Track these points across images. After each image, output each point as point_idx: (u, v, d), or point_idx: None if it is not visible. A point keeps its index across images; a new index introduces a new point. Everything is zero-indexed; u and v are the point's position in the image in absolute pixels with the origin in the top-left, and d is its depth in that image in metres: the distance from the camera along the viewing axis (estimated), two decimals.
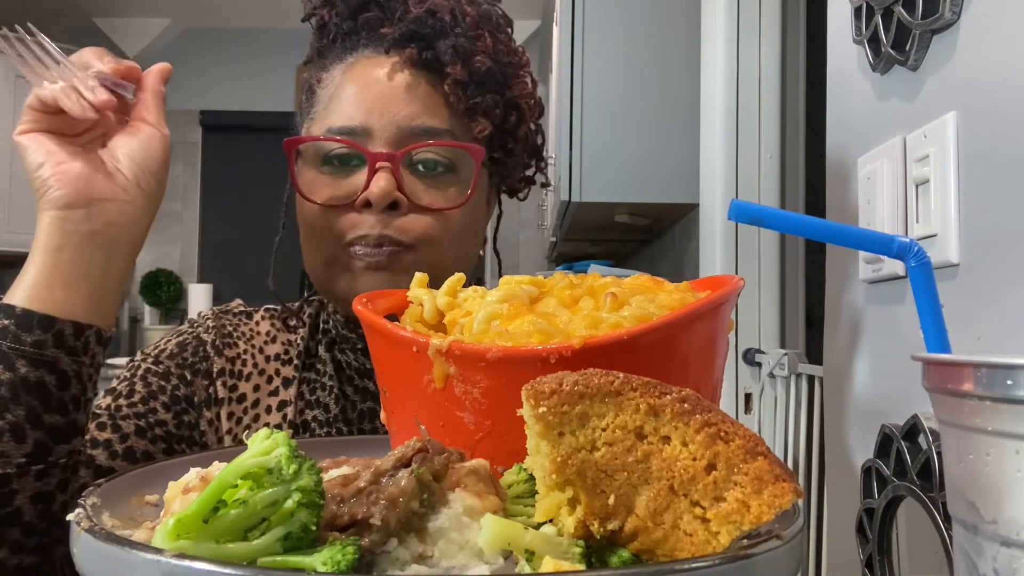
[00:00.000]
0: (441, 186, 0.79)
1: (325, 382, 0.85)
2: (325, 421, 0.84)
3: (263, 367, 0.85)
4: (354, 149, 0.78)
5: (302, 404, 0.84)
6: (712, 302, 0.51)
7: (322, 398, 0.85)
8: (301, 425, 0.83)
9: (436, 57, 0.80)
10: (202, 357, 0.83)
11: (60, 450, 0.63)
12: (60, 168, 0.64)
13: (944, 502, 0.48)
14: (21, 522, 0.61)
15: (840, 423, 0.89)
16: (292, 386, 0.84)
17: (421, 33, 0.80)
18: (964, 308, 0.62)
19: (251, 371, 0.84)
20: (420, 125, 0.78)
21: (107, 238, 0.66)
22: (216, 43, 4.67)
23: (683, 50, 1.99)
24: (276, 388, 0.84)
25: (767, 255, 1.85)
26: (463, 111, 0.81)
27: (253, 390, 0.84)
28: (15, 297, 0.63)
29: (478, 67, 0.80)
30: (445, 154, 0.79)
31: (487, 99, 0.81)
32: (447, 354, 0.48)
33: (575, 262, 2.61)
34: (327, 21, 0.85)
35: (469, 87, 0.80)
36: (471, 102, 0.80)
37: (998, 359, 0.32)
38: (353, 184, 0.78)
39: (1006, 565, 0.33)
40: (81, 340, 0.64)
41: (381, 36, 0.81)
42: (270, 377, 0.85)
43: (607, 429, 0.38)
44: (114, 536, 0.37)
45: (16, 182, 3.85)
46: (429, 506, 0.39)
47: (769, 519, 0.36)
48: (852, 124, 0.85)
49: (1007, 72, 0.58)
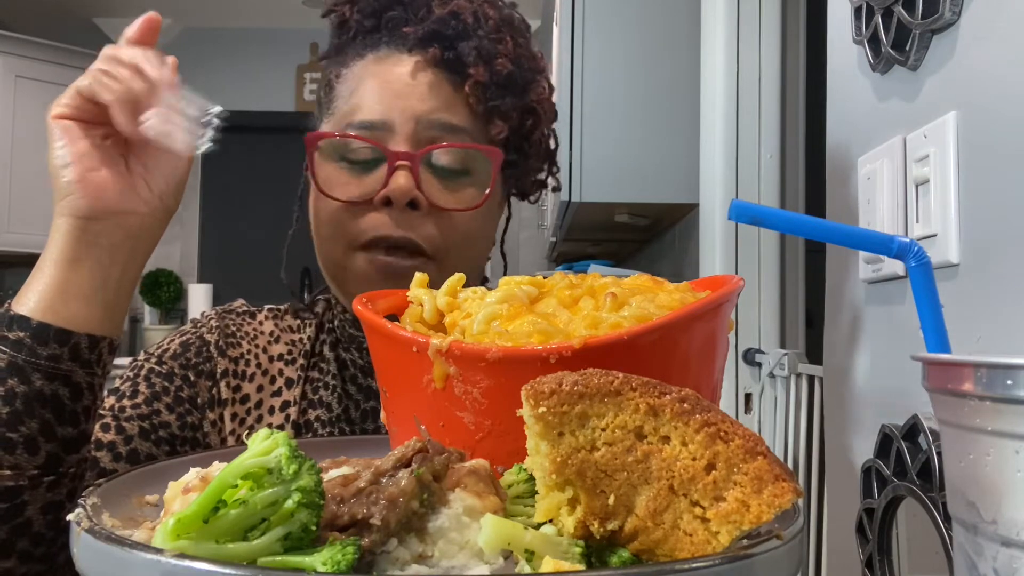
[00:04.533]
0: (458, 187, 0.80)
1: (328, 381, 0.85)
2: (328, 421, 0.83)
3: (266, 367, 0.85)
4: (374, 147, 0.77)
5: (305, 404, 0.84)
6: (712, 302, 0.51)
7: (325, 397, 0.84)
8: (304, 425, 0.83)
9: (458, 58, 0.80)
10: (205, 358, 0.83)
11: (71, 460, 0.63)
12: (88, 175, 0.63)
13: (944, 502, 0.49)
14: (31, 532, 0.61)
15: (840, 423, 0.89)
16: (295, 386, 0.84)
17: (444, 34, 0.80)
18: (964, 308, 0.62)
19: (254, 371, 0.84)
20: (439, 119, 0.78)
21: (125, 251, 0.65)
22: (216, 43, 4.66)
23: (683, 50, 1.99)
24: (279, 388, 0.84)
25: (767, 255, 1.85)
26: (482, 113, 0.81)
27: (256, 391, 0.83)
28: (28, 306, 0.62)
29: (499, 70, 0.80)
30: (463, 156, 0.79)
31: (506, 102, 0.81)
32: (447, 354, 0.48)
33: (575, 262, 2.60)
34: (348, 18, 0.85)
35: (490, 89, 0.80)
36: (491, 104, 0.81)
37: (998, 359, 0.32)
38: (372, 182, 0.78)
39: (1006, 565, 0.33)
40: (96, 352, 0.63)
41: (403, 35, 0.81)
42: (273, 377, 0.85)
43: (607, 429, 0.38)
44: (114, 536, 0.37)
45: (16, 182, 3.85)
46: (429, 506, 0.39)
47: (769, 519, 0.36)
48: (852, 124, 0.85)
49: (1007, 72, 0.58)
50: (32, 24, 4.17)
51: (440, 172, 0.79)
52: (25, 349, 0.60)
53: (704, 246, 1.91)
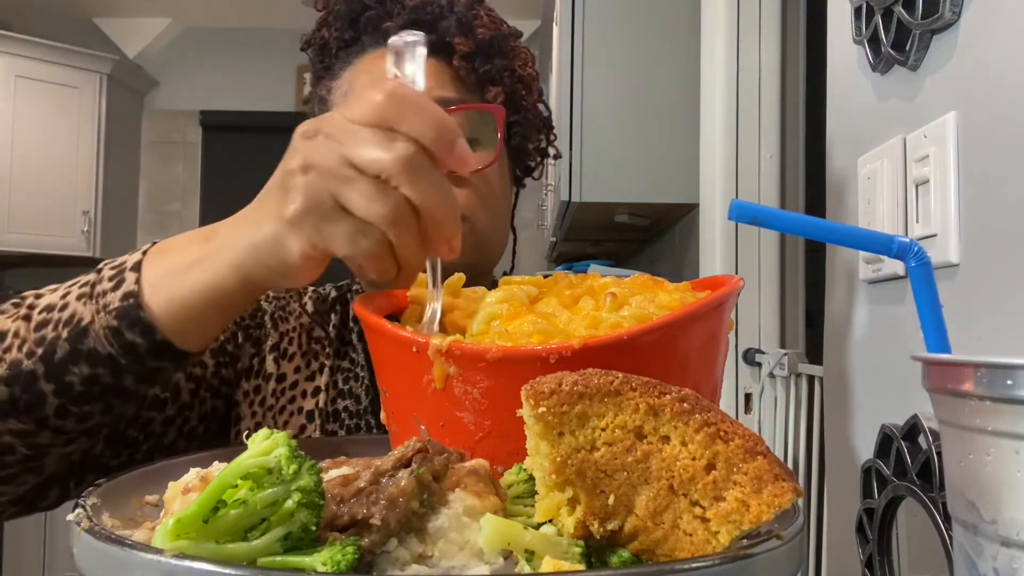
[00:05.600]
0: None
1: (358, 372, 0.86)
2: (355, 412, 0.84)
3: (306, 348, 0.85)
4: None
5: (334, 393, 0.84)
6: (712, 302, 0.51)
7: (354, 388, 0.85)
8: (332, 414, 0.83)
9: (440, 37, 0.82)
10: (258, 324, 0.83)
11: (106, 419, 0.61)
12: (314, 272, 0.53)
13: (944, 502, 0.48)
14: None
15: (840, 423, 0.89)
16: (326, 372, 0.85)
17: (422, 20, 0.83)
18: (964, 308, 0.62)
19: (295, 351, 0.85)
20: (436, 96, 0.79)
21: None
22: (216, 43, 4.66)
23: (683, 50, 1.99)
24: (313, 373, 0.85)
25: (767, 255, 1.85)
26: (475, 83, 0.83)
27: (294, 371, 0.84)
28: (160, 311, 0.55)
29: (481, 37, 0.83)
30: (468, 124, 0.81)
31: (495, 64, 0.84)
32: (447, 354, 0.48)
33: (575, 262, 2.60)
34: (328, 39, 0.87)
35: (476, 58, 0.83)
36: (481, 71, 0.83)
37: (998, 359, 0.32)
38: None
39: (1006, 565, 0.33)
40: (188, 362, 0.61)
41: (384, 31, 0.83)
42: (309, 361, 0.85)
43: (607, 429, 0.38)
44: (114, 536, 0.37)
45: (16, 182, 3.85)
46: (429, 506, 0.39)
47: (769, 518, 0.36)
48: (852, 124, 0.85)
49: (1007, 72, 0.58)
50: (32, 24, 4.17)
51: None
52: (134, 356, 0.56)
53: (704, 246, 1.91)
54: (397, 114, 0.46)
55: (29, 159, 3.88)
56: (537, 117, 0.92)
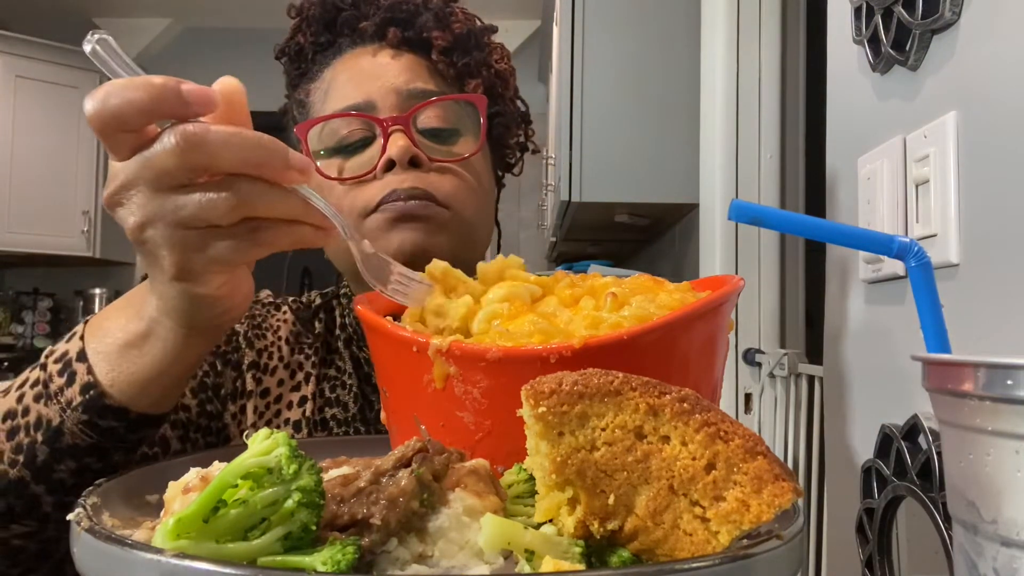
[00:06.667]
0: (452, 144, 0.82)
1: (345, 380, 0.85)
2: (344, 420, 0.83)
3: (288, 360, 0.85)
4: (365, 119, 0.79)
5: (321, 401, 0.84)
6: (712, 302, 0.51)
7: (342, 396, 0.85)
8: (320, 423, 0.83)
9: (418, 33, 0.84)
10: (234, 347, 0.83)
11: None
12: (234, 289, 0.54)
13: (944, 502, 0.48)
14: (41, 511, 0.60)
15: (840, 423, 0.89)
16: (313, 382, 0.84)
17: (398, 17, 0.84)
18: (964, 308, 0.62)
19: (276, 365, 0.84)
20: (417, 89, 0.81)
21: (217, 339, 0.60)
22: (216, 43, 4.66)
23: (683, 50, 1.99)
24: (298, 383, 0.84)
25: (767, 255, 1.85)
26: (454, 76, 0.84)
27: (277, 384, 0.83)
28: (123, 395, 0.56)
29: (459, 32, 0.84)
30: (450, 116, 0.82)
31: (473, 58, 0.85)
32: (447, 354, 0.48)
33: (575, 262, 2.60)
34: (303, 45, 0.88)
35: (455, 51, 0.84)
36: (460, 64, 0.84)
37: (998, 359, 0.32)
38: (369, 157, 0.79)
39: (1006, 565, 0.33)
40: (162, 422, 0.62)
41: (361, 31, 0.85)
42: (293, 372, 0.85)
43: (607, 429, 0.38)
44: (114, 536, 0.37)
45: (16, 182, 3.85)
46: (429, 506, 0.39)
47: (769, 518, 0.36)
48: (852, 124, 0.85)
49: (1007, 72, 0.58)
50: (32, 24, 4.17)
51: (432, 134, 0.81)
52: (115, 437, 0.57)
53: (704, 246, 1.91)
54: (209, 158, 0.48)
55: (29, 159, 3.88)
56: (515, 111, 0.93)
